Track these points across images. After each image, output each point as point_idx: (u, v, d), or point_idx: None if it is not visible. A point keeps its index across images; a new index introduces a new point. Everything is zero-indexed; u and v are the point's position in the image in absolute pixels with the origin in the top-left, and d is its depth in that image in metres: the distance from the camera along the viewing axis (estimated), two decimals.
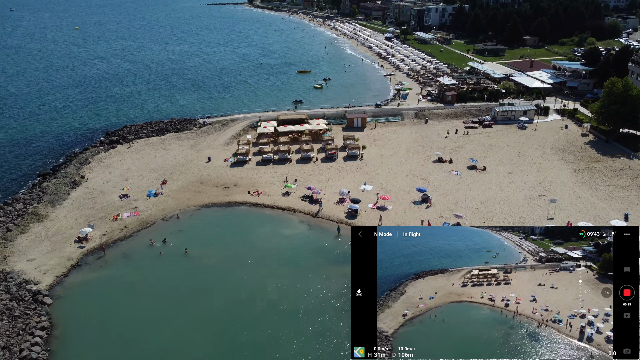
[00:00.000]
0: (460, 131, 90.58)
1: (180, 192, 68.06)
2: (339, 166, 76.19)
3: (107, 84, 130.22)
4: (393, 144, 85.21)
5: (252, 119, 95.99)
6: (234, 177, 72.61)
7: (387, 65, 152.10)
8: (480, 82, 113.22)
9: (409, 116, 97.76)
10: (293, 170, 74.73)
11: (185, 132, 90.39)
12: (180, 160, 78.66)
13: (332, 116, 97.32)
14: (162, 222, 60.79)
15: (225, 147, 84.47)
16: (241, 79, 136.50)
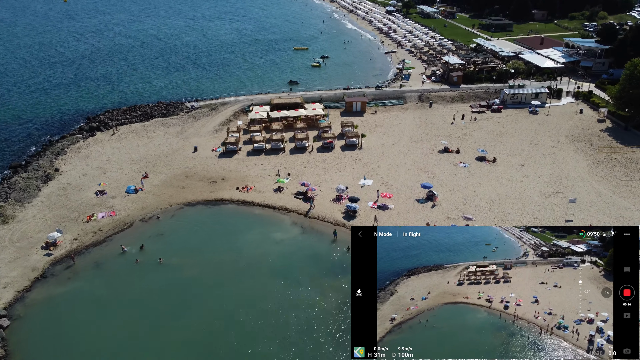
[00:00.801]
0: (467, 116, 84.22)
1: (163, 187, 62.21)
2: (336, 157, 70.15)
3: (96, 62, 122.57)
4: (395, 131, 78.96)
5: (244, 102, 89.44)
6: (222, 170, 66.67)
7: (388, 41, 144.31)
8: (488, 61, 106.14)
9: (412, 99, 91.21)
10: (286, 162, 68.74)
11: (172, 118, 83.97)
12: (164, 150, 72.56)
13: (329, 99, 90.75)
14: (141, 224, 55.13)
15: (214, 135, 78.23)
16: (235, 57, 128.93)
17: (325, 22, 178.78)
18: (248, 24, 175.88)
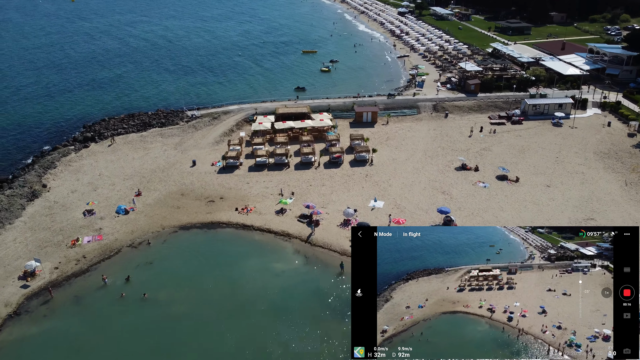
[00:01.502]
0: (486, 128, 78.62)
1: (156, 207, 57.43)
2: (344, 173, 64.96)
3: (96, 66, 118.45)
4: (408, 144, 73.58)
5: (248, 111, 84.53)
6: (220, 188, 61.78)
7: (400, 44, 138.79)
8: (507, 68, 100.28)
9: (426, 109, 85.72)
10: (290, 179, 63.69)
11: (171, 128, 79.22)
12: (160, 164, 67.80)
13: (338, 108, 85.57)
14: (129, 250, 50.35)
15: (215, 147, 73.36)
16: (241, 60, 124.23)
17: (335, 23, 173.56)
18: (256, 25, 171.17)
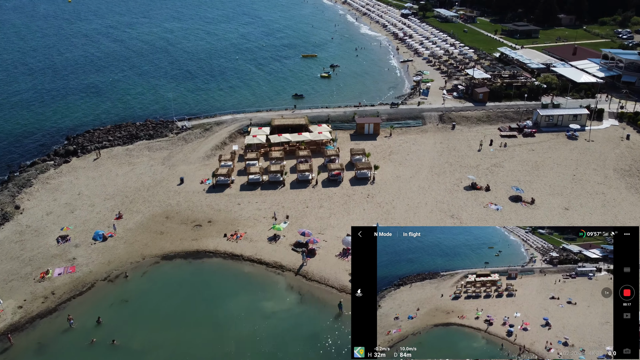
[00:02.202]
0: (496, 141, 73.42)
1: (138, 232, 52.40)
2: (344, 193, 59.86)
3: (88, 70, 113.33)
4: (413, 159, 68.41)
5: (242, 121, 79.47)
6: (209, 210, 56.72)
7: (404, 48, 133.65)
8: (517, 74, 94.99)
9: (431, 119, 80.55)
10: (285, 199, 58.61)
11: (159, 140, 74.16)
12: (146, 182, 62.78)
13: (338, 119, 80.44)
14: (104, 285, 45.31)
15: (205, 162, 68.31)
16: (237, 64, 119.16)
17: (337, 25, 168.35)
18: (255, 28, 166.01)
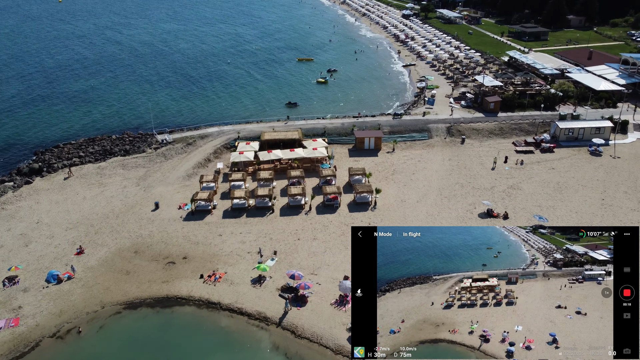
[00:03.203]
0: (512, 158, 65.88)
1: (100, 272, 44.77)
2: (341, 221, 52.29)
3: (74, 74, 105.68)
4: (419, 179, 60.85)
5: (229, 134, 71.85)
6: (185, 242, 49.10)
7: (405, 51, 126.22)
8: (530, 81, 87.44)
9: (438, 132, 72.97)
10: (274, 229, 51.00)
11: (135, 156, 66.50)
12: (116, 207, 55.17)
13: (335, 132, 72.86)
14: (51, 343, 37.66)
15: (185, 183, 60.74)
16: (229, 69, 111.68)
17: (335, 27, 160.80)
18: (251, 29, 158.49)
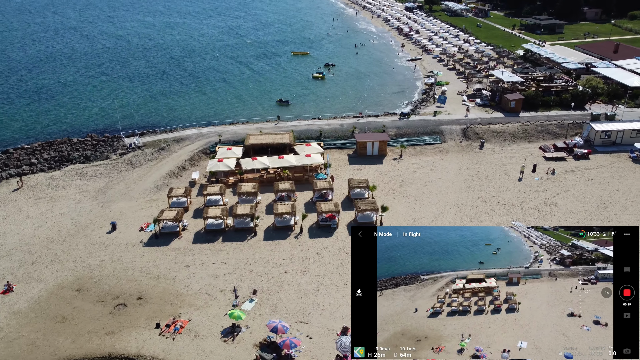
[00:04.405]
0: (541, 166, 55.84)
1: (28, 319, 34.73)
2: (339, 248, 42.27)
3: (48, 68, 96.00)
4: (433, 192, 50.81)
5: (209, 137, 61.77)
6: (143, 276, 39.05)
7: (410, 45, 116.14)
8: (554, 77, 77.25)
9: (453, 135, 62.89)
10: (255, 258, 40.97)
11: (97, 164, 56.40)
12: (64, 228, 45.14)
13: (333, 134, 62.80)
14: None
15: (153, 197, 50.71)
16: (218, 63, 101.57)
17: (335, 20, 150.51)
18: (245, 22, 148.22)
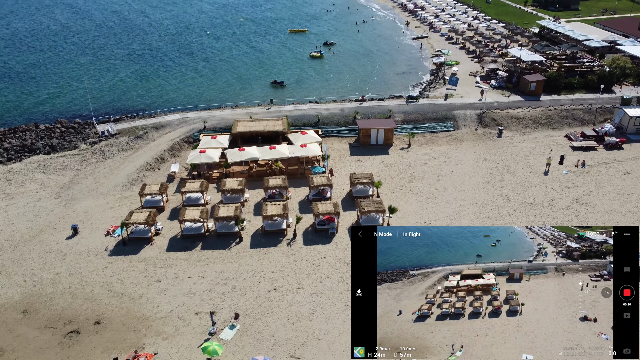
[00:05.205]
0: (569, 158, 49.03)
1: None
2: (340, 257, 35.73)
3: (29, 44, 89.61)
4: (447, 189, 44.11)
5: (194, 123, 54.89)
6: (104, 294, 32.57)
7: (415, 22, 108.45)
8: (576, 55, 69.85)
9: (467, 121, 55.94)
10: (239, 270, 34.48)
11: (63, 154, 49.58)
12: (18, 231, 38.60)
13: (332, 120, 55.84)
14: None
15: (124, 194, 44.02)
16: (208, 41, 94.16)
17: None
18: None
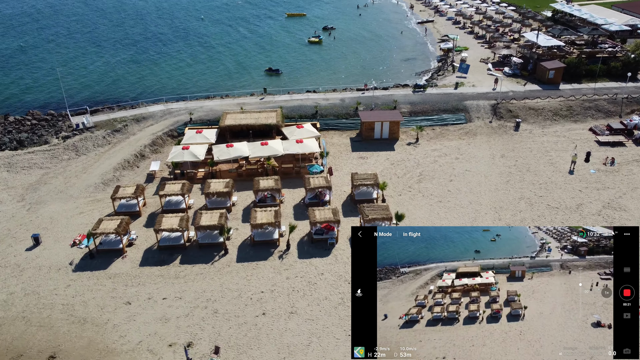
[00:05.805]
0: (595, 154, 43.96)
1: None
2: (338, 273, 30.85)
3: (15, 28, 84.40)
4: (461, 191, 39.12)
5: (179, 115, 49.76)
6: (63, 319, 27.74)
7: (419, 5, 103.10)
8: (597, 40, 64.33)
9: (480, 113, 50.75)
10: (223, 290, 29.62)
11: (32, 150, 44.51)
12: None
13: (331, 112, 50.67)
14: None
15: (97, 196, 39.04)
16: (201, 26, 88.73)
17: None
18: None
